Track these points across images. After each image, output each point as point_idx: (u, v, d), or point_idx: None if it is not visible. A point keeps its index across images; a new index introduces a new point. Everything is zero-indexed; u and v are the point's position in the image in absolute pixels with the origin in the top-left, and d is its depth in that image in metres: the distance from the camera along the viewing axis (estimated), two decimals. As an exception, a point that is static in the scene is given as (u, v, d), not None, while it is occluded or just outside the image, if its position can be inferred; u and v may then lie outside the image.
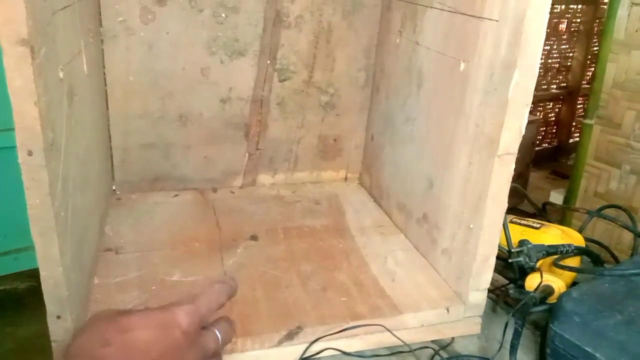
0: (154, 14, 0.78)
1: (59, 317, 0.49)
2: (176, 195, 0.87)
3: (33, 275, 1.83)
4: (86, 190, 0.62)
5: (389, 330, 0.59)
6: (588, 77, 2.97)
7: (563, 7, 2.89)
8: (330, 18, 0.87)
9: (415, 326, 0.61)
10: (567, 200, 1.54)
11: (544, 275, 0.66)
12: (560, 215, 1.44)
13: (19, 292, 1.82)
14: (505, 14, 0.55)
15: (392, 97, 0.84)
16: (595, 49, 2.86)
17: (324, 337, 0.58)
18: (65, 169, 0.50)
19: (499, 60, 0.56)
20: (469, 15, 0.61)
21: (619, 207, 0.85)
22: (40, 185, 0.44)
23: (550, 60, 2.93)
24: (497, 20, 0.56)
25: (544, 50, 0.48)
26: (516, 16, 0.53)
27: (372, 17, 0.89)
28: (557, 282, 0.66)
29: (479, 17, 0.59)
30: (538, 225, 0.75)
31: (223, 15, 0.81)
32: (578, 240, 0.73)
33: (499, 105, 0.56)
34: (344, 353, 0.59)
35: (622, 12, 1.41)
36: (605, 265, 0.73)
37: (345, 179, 1.00)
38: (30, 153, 0.43)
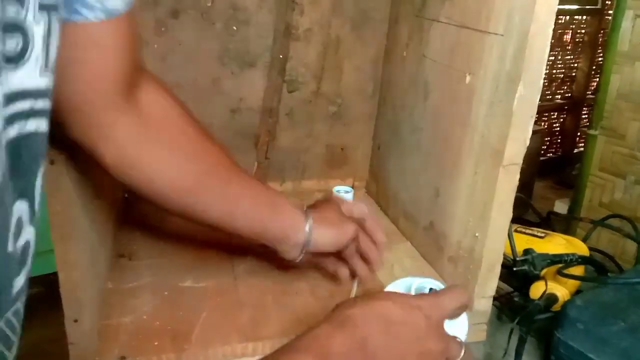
0: (167, 27, 0.80)
1: (76, 321, 0.50)
2: (186, 203, 0.88)
3: (42, 281, 1.84)
4: (101, 198, 0.63)
5: (396, 336, 0.60)
6: (593, 88, 2.98)
7: (568, 18, 2.90)
8: (339, 31, 0.89)
9: (422, 332, 0.62)
10: (571, 210, 1.54)
11: (548, 283, 0.67)
12: (565, 225, 1.45)
13: (29, 298, 1.83)
14: (510, 29, 0.56)
15: (398, 108, 0.86)
16: (599, 59, 2.86)
17: (332, 342, 0.59)
18: (83, 177, 0.52)
19: (504, 73, 0.58)
20: (475, 29, 0.62)
21: (623, 217, 0.86)
22: (61, 192, 0.46)
23: (554, 71, 2.94)
24: (502, 35, 0.58)
25: (548, 60, 0.50)
26: (521, 31, 0.55)
27: (380, 30, 0.90)
28: (561, 291, 0.67)
29: (485, 32, 0.60)
30: (542, 235, 0.76)
31: (234, 27, 0.83)
32: (582, 249, 0.74)
33: (503, 117, 0.58)
34: (352, 358, 0.60)
35: (626, 24, 1.42)
36: (609, 274, 0.74)
37: (352, 187, 1.01)
38: (52, 162, 0.45)
